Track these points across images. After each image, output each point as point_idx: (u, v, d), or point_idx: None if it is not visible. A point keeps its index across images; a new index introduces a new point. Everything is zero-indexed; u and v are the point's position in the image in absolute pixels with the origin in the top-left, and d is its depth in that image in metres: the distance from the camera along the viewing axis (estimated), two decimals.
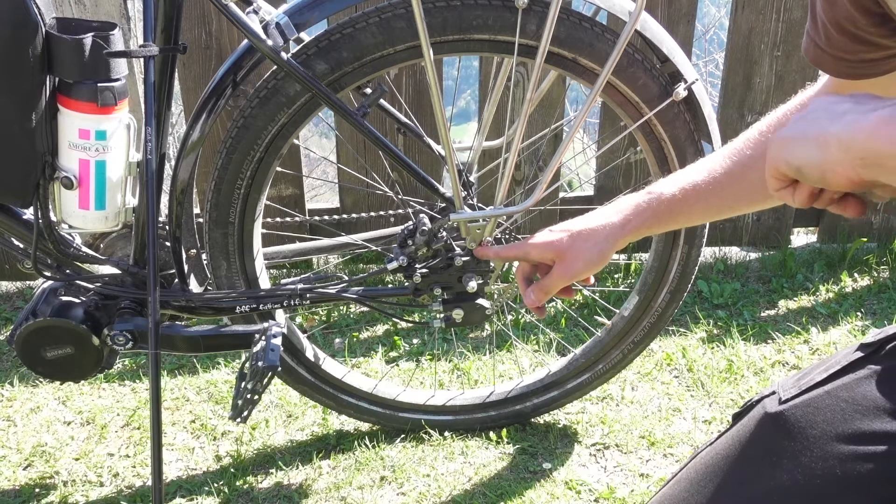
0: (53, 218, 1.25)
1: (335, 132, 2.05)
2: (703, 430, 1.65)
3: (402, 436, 1.62)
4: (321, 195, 3.54)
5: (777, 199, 0.68)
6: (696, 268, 1.51)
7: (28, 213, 1.28)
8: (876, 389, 0.69)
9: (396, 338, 1.94)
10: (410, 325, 1.96)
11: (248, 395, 1.29)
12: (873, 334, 0.75)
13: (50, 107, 1.17)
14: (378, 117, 1.91)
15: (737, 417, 0.79)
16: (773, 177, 0.64)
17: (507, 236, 1.42)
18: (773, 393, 0.75)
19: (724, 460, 0.75)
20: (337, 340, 1.96)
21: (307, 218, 2.11)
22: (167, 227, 1.32)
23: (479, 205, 1.39)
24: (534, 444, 1.61)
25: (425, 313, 1.99)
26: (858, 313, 2.01)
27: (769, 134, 0.89)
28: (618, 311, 1.60)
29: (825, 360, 0.76)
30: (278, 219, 1.71)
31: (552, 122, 2.06)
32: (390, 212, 1.85)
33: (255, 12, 1.26)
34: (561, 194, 2.24)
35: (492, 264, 1.39)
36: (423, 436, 1.62)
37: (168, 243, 1.33)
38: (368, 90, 1.35)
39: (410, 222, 1.40)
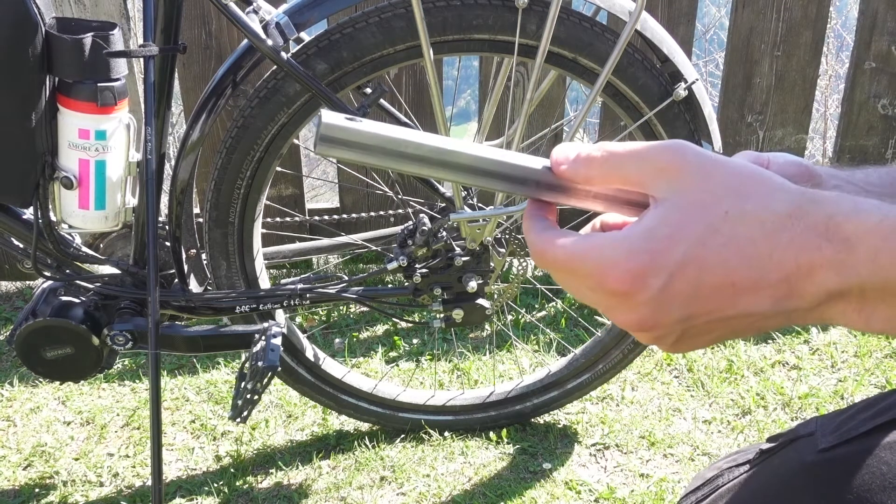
0: (53, 218, 1.25)
1: None
2: (703, 430, 1.64)
3: (402, 436, 1.62)
4: (321, 195, 3.54)
5: None
6: None
7: (28, 213, 1.28)
8: None
9: (396, 338, 1.94)
10: (410, 325, 1.96)
11: (248, 396, 1.29)
12: None
13: (50, 107, 1.17)
14: (378, 117, 1.91)
15: (766, 453, 0.73)
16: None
17: (507, 236, 1.41)
18: (811, 434, 0.69)
19: None
20: (337, 340, 1.96)
21: (307, 218, 2.10)
22: (167, 227, 1.32)
23: (479, 204, 1.38)
24: (534, 444, 1.61)
25: (425, 313, 1.99)
26: None
27: None
28: None
29: (873, 403, 0.69)
30: (278, 219, 1.71)
31: (552, 122, 2.06)
32: (390, 212, 1.85)
33: (255, 12, 1.26)
34: None
35: (492, 264, 1.38)
36: (423, 436, 1.62)
37: (168, 243, 1.33)
38: (368, 90, 1.35)
39: (410, 222, 1.40)
